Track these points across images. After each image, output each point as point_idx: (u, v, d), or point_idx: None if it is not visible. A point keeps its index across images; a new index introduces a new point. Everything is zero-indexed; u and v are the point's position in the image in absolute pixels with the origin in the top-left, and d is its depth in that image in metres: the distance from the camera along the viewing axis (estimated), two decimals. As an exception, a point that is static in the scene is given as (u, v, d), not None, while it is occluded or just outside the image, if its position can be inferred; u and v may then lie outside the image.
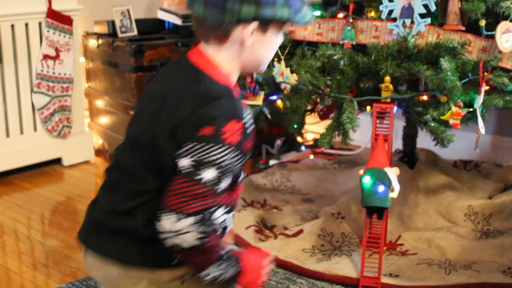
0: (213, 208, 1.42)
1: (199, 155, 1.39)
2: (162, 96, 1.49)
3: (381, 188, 2.30)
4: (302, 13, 1.51)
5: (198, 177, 1.39)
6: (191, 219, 1.37)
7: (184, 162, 1.40)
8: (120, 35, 3.63)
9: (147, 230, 1.44)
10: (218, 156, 1.39)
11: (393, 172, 2.32)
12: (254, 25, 1.47)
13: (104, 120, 3.81)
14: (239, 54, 1.51)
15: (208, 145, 1.38)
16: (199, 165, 1.39)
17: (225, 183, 1.43)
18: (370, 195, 2.32)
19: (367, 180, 2.31)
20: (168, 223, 1.38)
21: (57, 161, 3.74)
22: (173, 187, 1.39)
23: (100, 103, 3.81)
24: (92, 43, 3.74)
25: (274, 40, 1.54)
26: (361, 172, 2.35)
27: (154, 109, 1.48)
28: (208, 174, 1.39)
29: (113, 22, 3.65)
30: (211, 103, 1.41)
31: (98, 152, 3.90)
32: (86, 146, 3.82)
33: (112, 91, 3.66)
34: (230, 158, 1.41)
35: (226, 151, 1.40)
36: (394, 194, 2.34)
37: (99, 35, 3.71)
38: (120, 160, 1.58)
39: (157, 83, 1.57)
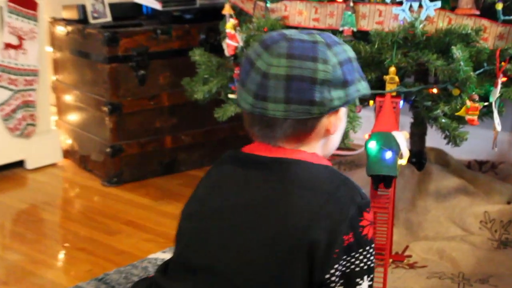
0: None
1: None
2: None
3: (388, 155, 2.28)
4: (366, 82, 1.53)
5: None
6: None
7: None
8: (91, 21, 3.63)
9: None
10: None
11: (402, 136, 2.30)
12: (344, 110, 1.49)
13: (74, 117, 3.80)
14: (325, 147, 1.53)
15: None
16: None
17: None
18: (376, 162, 2.30)
19: (372, 145, 2.29)
20: None
21: (20, 164, 3.73)
22: None
23: (69, 98, 3.80)
24: (60, 30, 3.74)
25: (345, 119, 1.55)
26: (366, 136, 2.34)
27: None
28: None
29: (83, 7, 3.65)
30: None
31: (67, 154, 3.89)
32: (53, 147, 3.82)
33: (83, 84, 3.65)
34: None
35: None
36: (403, 161, 2.33)
37: (68, 22, 3.71)
38: None
39: None
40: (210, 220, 1.47)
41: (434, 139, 2.97)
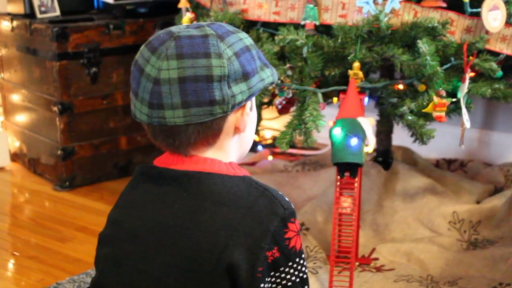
0: None
1: None
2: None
3: (354, 141, 2.30)
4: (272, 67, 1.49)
5: None
6: None
7: None
8: (39, 15, 3.60)
9: None
10: None
11: (367, 123, 2.32)
12: (250, 103, 1.45)
13: (22, 118, 3.78)
14: (239, 146, 1.50)
15: None
16: None
17: None
18: (342, 149, 2.32)
19: (337, 132, 2.31)
20: None
21: (-35, 167, 3.70)
22: None
23: (16, 97, 3.77)
24: (5, 25, 3.71)
25: (254, 114, 1.51)
26: (331, 123, 2.35)
27: None
28: None
29: (30, 0, 3.62)
30: None
31: (15, 157, 3.86)
32: (0, 150, 3.78)
33: (31, 83, 3.63)
34: None
35: None
36: (369, 148, 2.35)
37: (13, 16, 3.68)
38: None
39: None
40: (125, 244, 1.44)
41: (400, 137, 3.00)
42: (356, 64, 2.41)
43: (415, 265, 2.66)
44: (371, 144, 2.34)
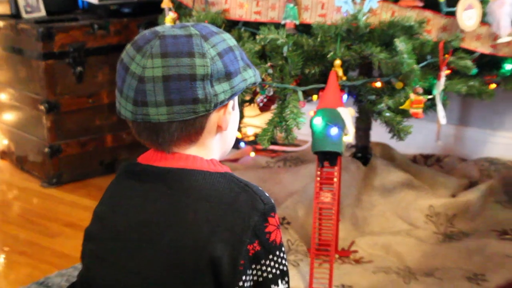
0: None
1: None
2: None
3: (334, 131, 2.31)
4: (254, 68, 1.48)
5: None
6: None
7: None
8: (24, 16, 3.58)
9: None
10: None
11: (347, 113, 2.32)
12: (232, 102, 1.45)
13: (9, 116, 3.76)
14: (222, 144, 1.50)
15: None
16: None
17: None
18: (322, 138, 2.32)
19: (318, 121, 2.31)
20: None
21: (-46, 165, 3.69)
22: None
23: (3, 97, 3.76)
24: (-7, 26, 3.69)
25: (237, 112, 1.51)
26: (311, 113, 2.35)
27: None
28: None
29: (15, 1, 3.60)
30: None
31: (3, 155, 3.85)
32: (-12, 147, 3.78)
33: (17, 82, 3.61)
34: None
35: None
36: (348, 138, 2.35)
37: (0, 17, 3.66)
38: None
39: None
40: (110, 241, 1.43)
41: (379, 133, 3.00)
42: (337, 62, 2.40)
43: (393, 257, 2.66)
44: (350, 134, 2.34)
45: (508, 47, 2.53)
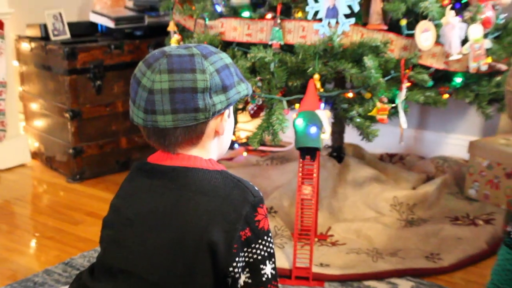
0: None
1: None
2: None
3: (313, 130, 2.32)
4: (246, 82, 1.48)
5: None
6: None
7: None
8: (52, 38, 3.58)
9: None
10: None
11: (324, 114, 2.33)
12: (228, 111, 1.44)
13: (40, 123, 3.75)
14: (219, 146, 1.49)
15: None
16: None
17: None
18: (303, 136, 2.33)
19: (299, 122, 2.32)
20: None
21: (-8, 164, 3.68)
22: None
23: (35, 106, 3.75)
24: (25, 46, 3.69)
25: (231, 120, 1.50)
26: (294, 115, 2.36)
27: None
28: None
29: (45, 26, 3.60)
30: None
31: (34, 155, 3.84)
32: (22, 149, 3.76)
33: (47, 94, 3.61)
34: None
35: None
36: (325, 136, 2.35)
37: (31, 39, 3.65)
38: None
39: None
40: (124, 228, 1.43)
41: (351, 136, 3.01)
42: (316, 76, 2.41)
43: (363, 240, 2.67)
44: (327, 132, 2.35)
45: (458, 63, 2.54)
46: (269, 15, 2.58)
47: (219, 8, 2.73)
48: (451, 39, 2.46)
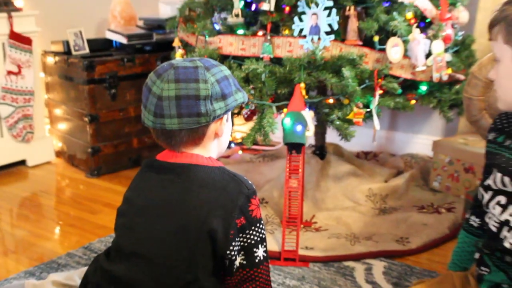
0: None
1: None
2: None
3: (299, 128, 2.32)
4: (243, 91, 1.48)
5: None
6: None
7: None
8: (74, 53, 3.56)
9: None
10: None
11: (308, 114, 2.33)
12: (226, 116, 1.45)
13: (62, 126, 3.73)
14: (218, 146, 1.48)
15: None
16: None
17: None
18: (290, 133, 2.33)
19: (287, 121, 2.32)
20: None
21: (22, 162, 3.65)
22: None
23: (58, 111, 3.73)
24: (50, 60, 3.66)
25: (229, 123, 1.51)
26: (283, 115, 2.35)
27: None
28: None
29: (67, 42, 3.58)
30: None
31: (58, 154, 3.82)
32: (47, 149, 3.74)
33: (68, 101, 3.59)
34: None
35: None
36: (309, 133, 2.35)
37: (55, 53, 3.63)
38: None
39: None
40: (135, 216, 1.43)
41: (332, 136, 3.00)
42: (302, 85, 2.40)
43: (343, 226, 2.66)
44: (311, 129, 2.35)
45: (423, 74, 2.54)
46: (260, 32, 2.58)
47: (217, 27, 2.75)
48: (417, 53, 2.47)
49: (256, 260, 1.42)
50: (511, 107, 1.45)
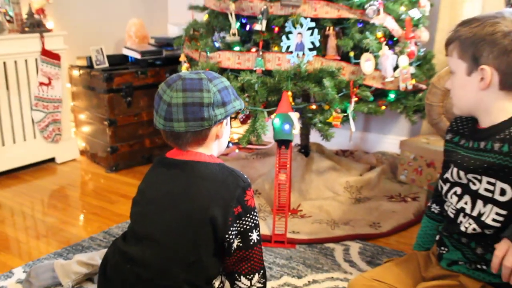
0: None
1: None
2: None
3: (287, 126, 2.32)
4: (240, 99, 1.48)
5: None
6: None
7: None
8: (95, 66, 3.56)
9: None
10: None
11: (295, 115, 2.33)
12: (226, 120, 1.45)
13: (86, 129, 3.72)
14: (218, 146, 1.48)
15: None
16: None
17: None
18: (279, 131, 2.34)
19: (277, 121, 2.33)
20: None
21: (52, 160, 3.63)
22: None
23: (82, 116, 3.72)
24: (75, 73, 3.65)
25: (228, 127, 1.51)
26: (273, 116, 2.36)
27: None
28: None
29: (90, 58, 3.57)
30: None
31: (82, 153, 3.81)
32: (73, 148, 3.73)
33: (91, 107, 3.58)
34: None
35: None
36: (296, 131, 2.35)
37: (80, 67, 3.62)
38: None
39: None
40: (147, 205, 1.43)
41: (314, 137, 3.01)
42: (289, 93, 2.40)
43: (324, 213, 2.66)
44: (297, 128, 2.35)
45: (391, 84, 2.54)
46: (253, 49, 2.58)
47: (217, 44, 2.75)
48: (386, 66, 2.47)
49: (251, 243, 1.42)
50: (464, 112, 1.46)
